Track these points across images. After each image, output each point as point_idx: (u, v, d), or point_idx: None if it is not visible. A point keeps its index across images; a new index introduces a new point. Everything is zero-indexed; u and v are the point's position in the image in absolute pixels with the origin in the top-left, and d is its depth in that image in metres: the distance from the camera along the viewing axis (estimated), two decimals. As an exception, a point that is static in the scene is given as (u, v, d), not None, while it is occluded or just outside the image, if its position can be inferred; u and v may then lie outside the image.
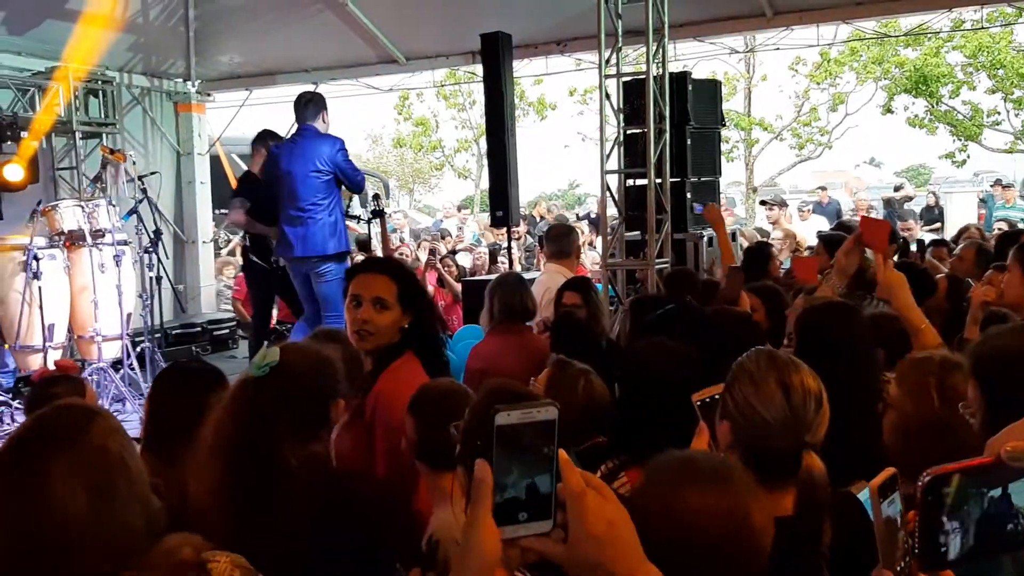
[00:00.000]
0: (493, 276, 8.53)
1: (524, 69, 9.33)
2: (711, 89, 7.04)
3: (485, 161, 22.12)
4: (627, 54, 6.69)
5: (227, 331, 9.25)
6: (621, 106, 6.23)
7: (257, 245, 6.38)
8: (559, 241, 5.25)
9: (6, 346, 6.24)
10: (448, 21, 7.80)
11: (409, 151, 25.11)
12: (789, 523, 1.58)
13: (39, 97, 7.88)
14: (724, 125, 7.83)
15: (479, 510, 1.00)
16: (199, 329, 8.93)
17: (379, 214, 6.85)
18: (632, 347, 2.68)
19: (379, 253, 7.18)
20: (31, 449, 1.28)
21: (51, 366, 5.94)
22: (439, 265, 8.02)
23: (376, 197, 7.10)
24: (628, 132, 6.29)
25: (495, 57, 7.04)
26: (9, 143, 7.34)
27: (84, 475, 1.26)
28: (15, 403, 6.25)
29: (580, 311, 3.84)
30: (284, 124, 10.27)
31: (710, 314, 3.12)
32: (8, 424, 5.83)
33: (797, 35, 9.01)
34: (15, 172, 7.19)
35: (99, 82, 8.43)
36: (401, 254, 9.11)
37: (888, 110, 19.18)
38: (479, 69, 8.78)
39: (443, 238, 11.50)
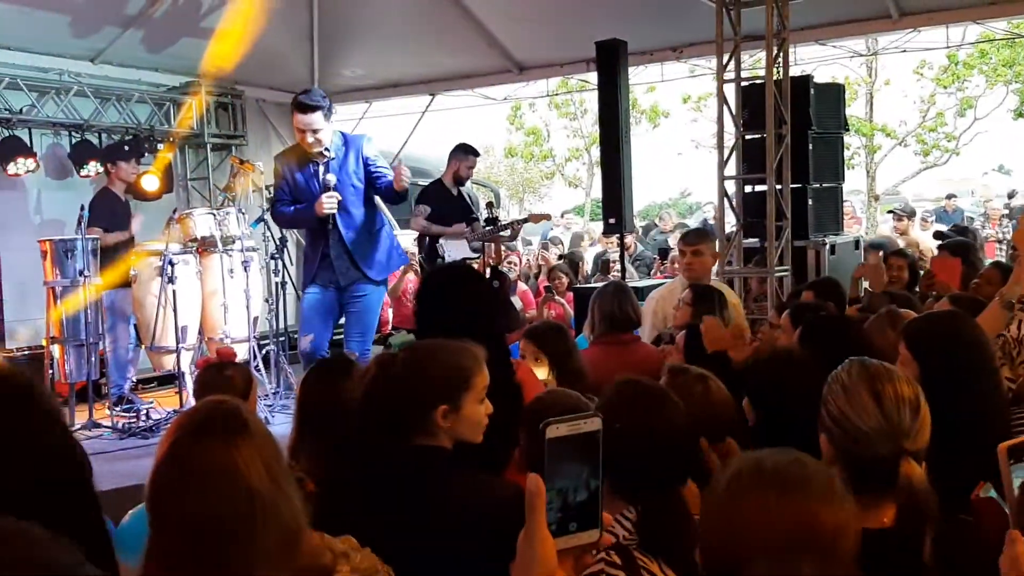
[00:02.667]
0: (599, 284, 8.53)
1: (637, 77, 9.27)
2: (834, 93, 6.86)
3: (596, 170, 22.22)
4: (744, 58, 6.57)
5: (340, 336, 9.48)
6: (740, 111, 6.13)
7: (428, 252, 6.72)
8: None
9: (142, 346, 6.57)
10: (563, 29, 7.83)
11: (520, 161, 25.28)
12: (883, 535, 1.55)
13: (174, 111, 8.32)
14: (847, 130, 7.60)
15: (535, 523, 1.04)
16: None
17: (493, 222, 6.94)
18: (765, 359, 2.60)
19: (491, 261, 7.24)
20: (214, 431, 1.34)
21: (184, 365, 6.26)
22: (553, 287, 8.08)
23: (490, 205, 7.19)
24: (747, 137, 6.19)
25: (611, 64, 7.03)
26: (146, 155, 7.77)
27: (261, 455, 1.32)
28: (147, 403, 6.61)
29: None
30: (402, 135, 10.56)
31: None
32: (144, 420, 6.15)
33: (924, 37, 8.68)
34: (151, 182, 7.59)
35: (229, 96, 8.83)
36: (510, 262, 9.18)
37: (1020, 115, 18.25)
38: (592, 77, 8.80)
39: (554, 246, 11.51)
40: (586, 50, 7.52)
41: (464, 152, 6.94)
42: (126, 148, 7.40)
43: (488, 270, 6.36)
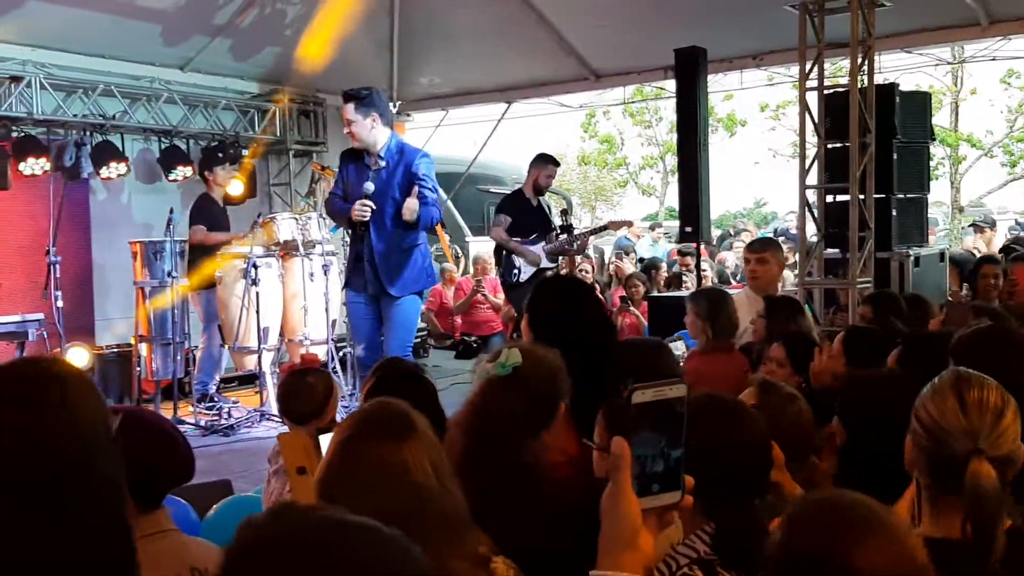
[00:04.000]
0: (677, 293, 8.45)
1: (715, 84, 9.19)
2: (920, 101, 6.70)
3: (671, 178, 22.09)
4: (826, 66, 6.46)
5: (418, 340, 9.60)
6: (822, 120, 6.04)
7: (506, 263, 6.83)
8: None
9: (225, 346, 6.75)
10: (641, 37, 7.80)
11: (593, 168, 25.25)
12: (950, 544, 1.53)
13: (258, 118, 8.54)
14: (934, 139, 7.41)
15: (620, 482, 1.09)
16: (393, 338, 9.32)
17: (567, 230, 6.96)
18: (863, 380, 2.54)
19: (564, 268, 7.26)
20: (384, 430, 1.41)
21: (266, 365, 6.42)
22: (629, 296, 8.07)
23: (564, 213, 7.20)
24: (829, 146, 6.08)
25: (690, 72, 6.98)
26: (233, 161, 7.99)
27: (428, 454, 1.39)
28: (230, 401, 6.79)
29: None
30: (476, 142, 10.66)
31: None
32: (226, 419, 6.32)
33: (1013, 45, 8.42)
34: (236, 187, 7.80)
35: (311, 103, 9.03)
36: (582, 270, 9.18)
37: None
38: (668, 85, 8.75)
39: (627, 254, 11.46)
40: (664, 57, 7.47)
41: (544, 161, 6.98)
42: (219, 155, 7.63)
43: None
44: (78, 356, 6.44)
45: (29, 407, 1.21)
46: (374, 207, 5.09)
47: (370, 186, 5.11)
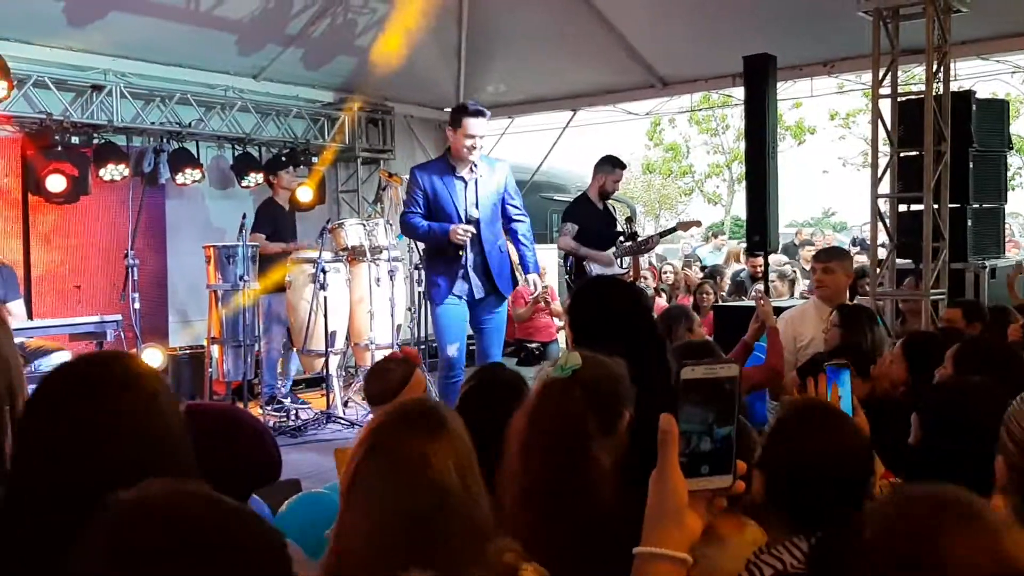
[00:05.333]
0: (742, 303, 8.35)
1: (783, 92, 9.06)
2: (998, 109, 6.52)
3: (738, 186, 21.85)
4: (900, 74, 6.33)
5: (481, 346, 9.67)
6: (895, 128, 5.92)
7: (575, 270, 6.77)
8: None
9: (294, 349, 6.88)
10: (709, 44, 7.74)
11: (657, 176, 25.10)
12: None
13: (328, 126, 8.70)
14: (1011, 148, 7.20)
15: (667, 460, 1.07)
16: (456, 343, 9.39)
17: (632, 237, 6.93)
18: (952, 383, 2.51)
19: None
20: (412, 426, 1.42)
21: (333, 368, 6.52)
22: (697, 304, 8.00)
23: (629, 220, 7.17)
24: (902, 155, 5.96)
25: (758, 79, 6.91)
26: (302, 167, 8.16)
27: (454, 457, 1.39)
28: (298, 403, 6.91)
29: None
30: (540, 150, 10.68)
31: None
32: (294, 420, 6.44)
33: (1097, 51, 8.11)
34: (305, 194, 7.95)
35: (379, 112, 9.17)
36: (643, 278, 9.13)
37: None
38: (735, 92, 8.67)
39: (693, 262, 11.37)
40: (732, 65, 7.41)
41: (611, 165, 6.87)
42: (284, 160, 7.80)
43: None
44: (153, 357, 6.63)
45: (132, 393, 1.30)
46: (474, 232, 5.10)
47: (477, 212, 5.16)
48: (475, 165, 5.15)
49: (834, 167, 26.84)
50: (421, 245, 7.43)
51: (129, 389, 1.32)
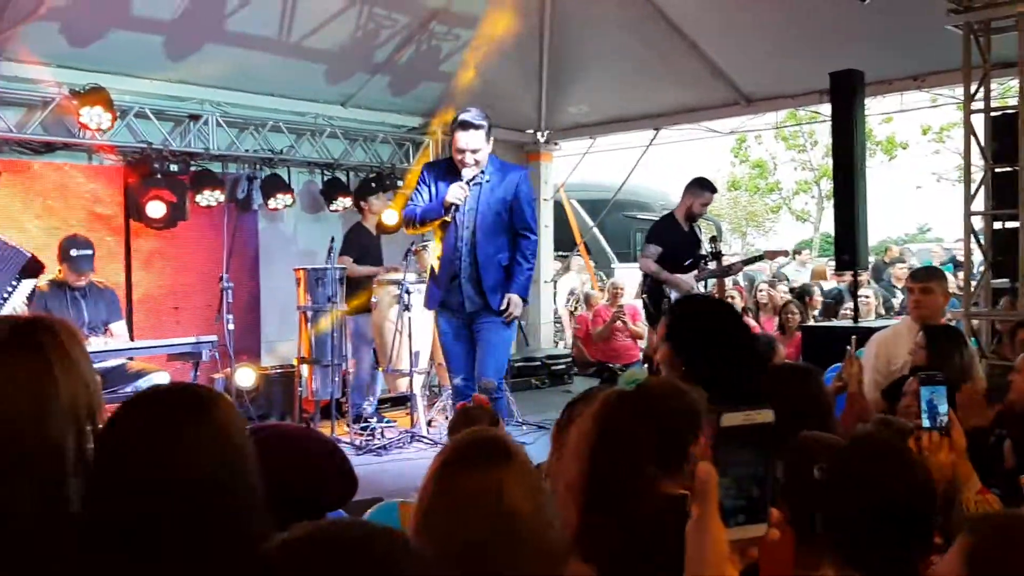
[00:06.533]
0: (833, 323, 8.16)
1: (873, 107, 8.87)
2: (1100, 121, 6.25)
3: (826, 203, 21.39)
4: (993, 86, 6.14)
5: (564, 366, 9.69)
6: (989, 142, 5.74)
7: (652, 291, 6.72)
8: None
9: (380, 368, 7.03)
10: (794, 60, 7.64)
11: (744, 194, 24.75)
12: None
13: (413, 150, 8.89)
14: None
15: (707, 510, 1.04)
16: (539, 363, 9.45)
17: (717, 257, 6.85)
18: None
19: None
20: (480, 457, 1.44)
21: (416, 388, 6.63)
22: (783, 324, 7.88)
23: (713, 239, 7.11)
24: (997, 170, 5.78)
25: (846, 95, 6.79)
26: (388, 192, 8.34)
27: (526, 482, 1.40)
28: (383, 422, 7.04)
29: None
30: (625, 168, 10.68)
31: None
32: (379, 439, 6.56)
33: None
34: (391, 217, 8.11)
35: (462, 134, 9.30)
36: (730, 297, 9.01)
37: None
38: (823, 108, 8.51)
39: (780, 281, 11.15)
40: (818, 81, 7.30)
41: (701, 188, 6.80)
42: (373, 185, 8.00)
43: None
44: (245, 376, 6.85)
45: (204, 422, 1.37)
46: (468, 193, 4.85)
47: (468, 172, 4.86)
48: (482, 171, 4.93)
49: (928, 182, 25.95)
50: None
51: (203, 415, 1.38)
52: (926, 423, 2.24)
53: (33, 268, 4.77)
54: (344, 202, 7.99)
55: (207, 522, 1.31)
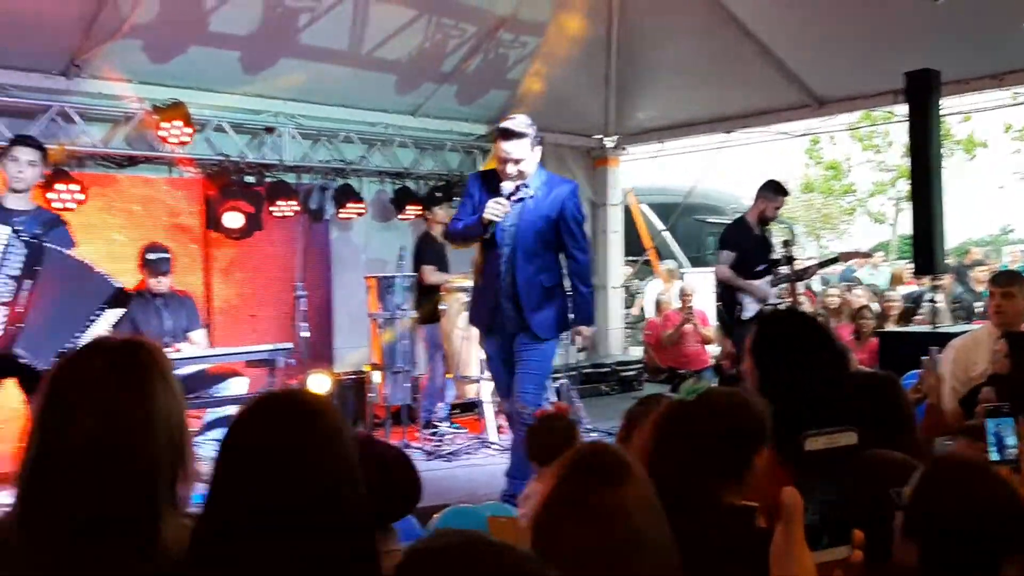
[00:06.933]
0: (910, 329, 7.96)
1: (951, 106, 8.63)
2: None
3: (904, 205, 20.81)
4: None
5: (634, 372, 9.67)
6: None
7: (727, 298, 6.67)
8: None
9: (449, 375, 7.10)
10: (867, 61, 7.49)
11: (818, 196, 24.27)
12: None
13: (481, 158, 8.96)
14: None
15: (794, 534, 1.03)
16: (608, 370, 9.44)
17: (789, 261, 6.76)
18: None
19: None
20: (600, 472, 1.40)
21: (485, 394, 6.67)
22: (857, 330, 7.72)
23: (786, 243, 7.02)
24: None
25: (921, 95, 6.64)
26: (455, 199, 8.42)
27: (646, 498, 1.38)
28: (453, 428, 7.11)
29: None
30: (695, 172, 10.61)
31: None
32: (448, 445, 6.63)
33: None
34: (459, 224, 8.20)
35: (530, 141, 9.35)
36: (800, 303, 8.86)
37: None
38: (899, 108, 8.32)
39: (855, 285, 10.91)
40: (893, 81, 7.14)
41: (774, 192, 6.74)
42: (438, 195, 8.10)
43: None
44: (320, 382, 6.98)
45: (319, 430, 1.43)
46: (508, 209, 4.56)
47: (509, 185, 4.56)
48: (527, 184, 4.61)
49: (1011, 182, 25.08)
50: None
51: (320, 421, 1.44)
52: (994, 456, 2.14)
53: (120, 299, 4.90)
54: (414, 210, 8.11)
55: (323, 525, 1.35)
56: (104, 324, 4.86)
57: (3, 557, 1.43)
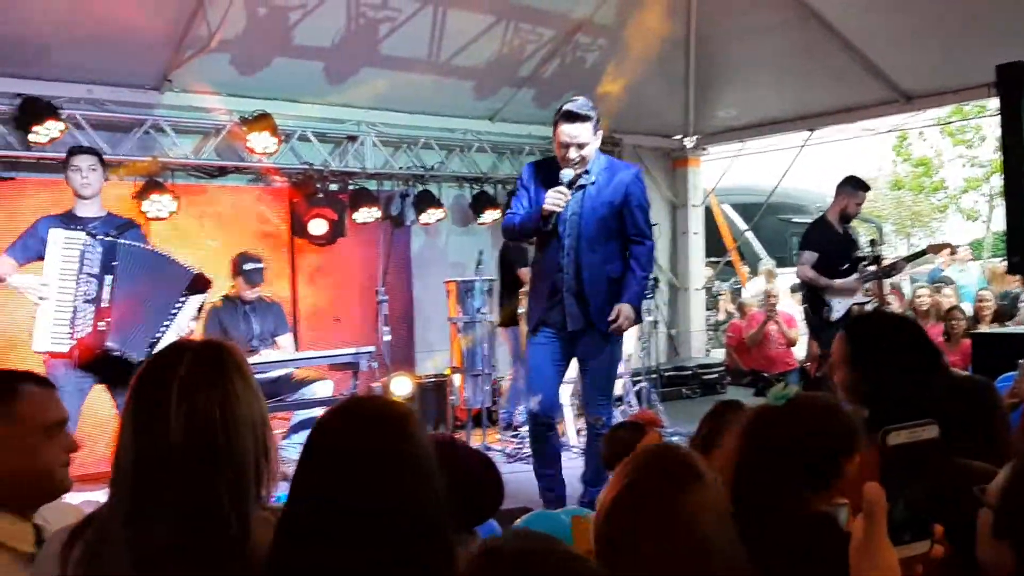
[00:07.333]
0: (1005, 329, 7.67)
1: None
2: None
3: (997, 201, 20.03)
4: None
5: (716, 376, 9.54)
6: None
7: (813, 300, 6.57)
8: None
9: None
10: (957, 54, 7.26)
11: (907, 193, 23.55)
12: None
13: (559, 161, 8.97)
14: None
15: (877, 531, 1.02)
16: (690, 373, 9.33)
17: (876, 260, 6.60)
18: None
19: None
20: (669, 477, 1.39)
21: (565, 398, 6.67)
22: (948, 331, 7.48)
23: (873, 242, 6.85)
24: None
25: (1014, 89, 6.38)
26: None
27: (717, 504, 1.37)
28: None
29: None
30: (778, 171, 10.39)
31: None
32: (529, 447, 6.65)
33: None
34: (539, 227, 8.23)
35: (608, 144, 9.32)
36: (889, 303, 8.62)
37: None
38: (991, 102, 8.03)
39: (946, 285, 10.55)
40: (984, 74, 6.89)
41: (854, 187, 6.60)
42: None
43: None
44: (402, 385, 7.11)
45: (399, 435, 1.45)
46: (569, 197, 4.29)
47: (568, 172, 4.28)
48: (588, 171, 4.37)
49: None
50: (650, 274, 7.50)
51: (399, 426, 1.47)
52: None
53: (200, 284, 5.09)
54: (492, 214, 8.17)
55: (400, 529, 1.38)
56: (190, 311, 5.05)
57: (106, 556, 1.49)
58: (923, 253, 8.11)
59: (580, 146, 4.27)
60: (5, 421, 1.85)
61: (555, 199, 4.23)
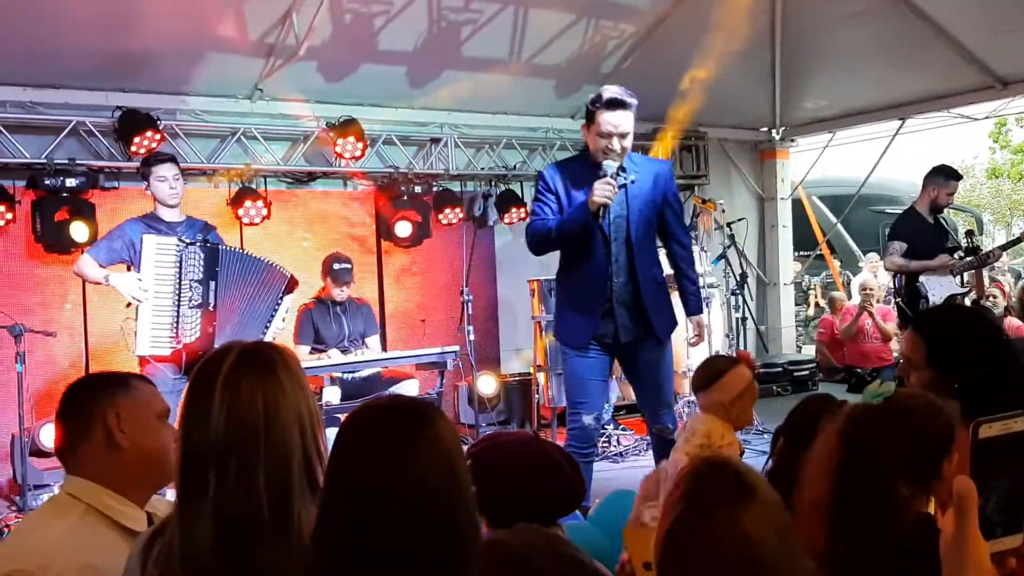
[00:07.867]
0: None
1: None
2: None
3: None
4: None
5: (807, 372, 9.33)
6: None
7: (908, 292, 6.38)
8: None
9: (614, 377, 7.12)
10: (1058, 36, 6.96)
11: (1006, 182, 22.61)
12: None
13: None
14: None
15: (968, 526, 1.00)
16: (780, 369, 9.16)
17: (973, 251, 6.37)
18: None
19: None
20: (722, 493, 1.34)
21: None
22: None
23: (969, 233, 6.61)
24: None
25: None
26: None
27: (771, 519, 1.32)
28: (619, 430, 7.11)
29: None
30: (869, 161, 10.11)
31: None
32: (615, 446, 6.65)
33: None
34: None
35: (692, 138, 9.24)
36: (992, 295, 8.32)
37: None
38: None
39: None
40: (1089, 56, 6.61)
41: (945, 177, 6.36)
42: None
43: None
44: (487, 384, 7.18)
45: (424, 436, 1.45)
46: (616, 188, 3.94)
47: (612, 164, 3.94)
48: (623, 167, 4.05)
49: None
50: (738, 270, 7.39)
51: (428, 426, 1.46)
52: None
53: (291, 286, 5.34)
54: (575, 213, 8.16)
55: (431, 528, 1.38)
56: (283, 312, 5.26)
57: (171, 556, 1.54)
58: (1020, 240, 7.80)
59: (623, 136, 3.96)
60: (129, 404, 1.97)
61: (604, 191, 3.85)
